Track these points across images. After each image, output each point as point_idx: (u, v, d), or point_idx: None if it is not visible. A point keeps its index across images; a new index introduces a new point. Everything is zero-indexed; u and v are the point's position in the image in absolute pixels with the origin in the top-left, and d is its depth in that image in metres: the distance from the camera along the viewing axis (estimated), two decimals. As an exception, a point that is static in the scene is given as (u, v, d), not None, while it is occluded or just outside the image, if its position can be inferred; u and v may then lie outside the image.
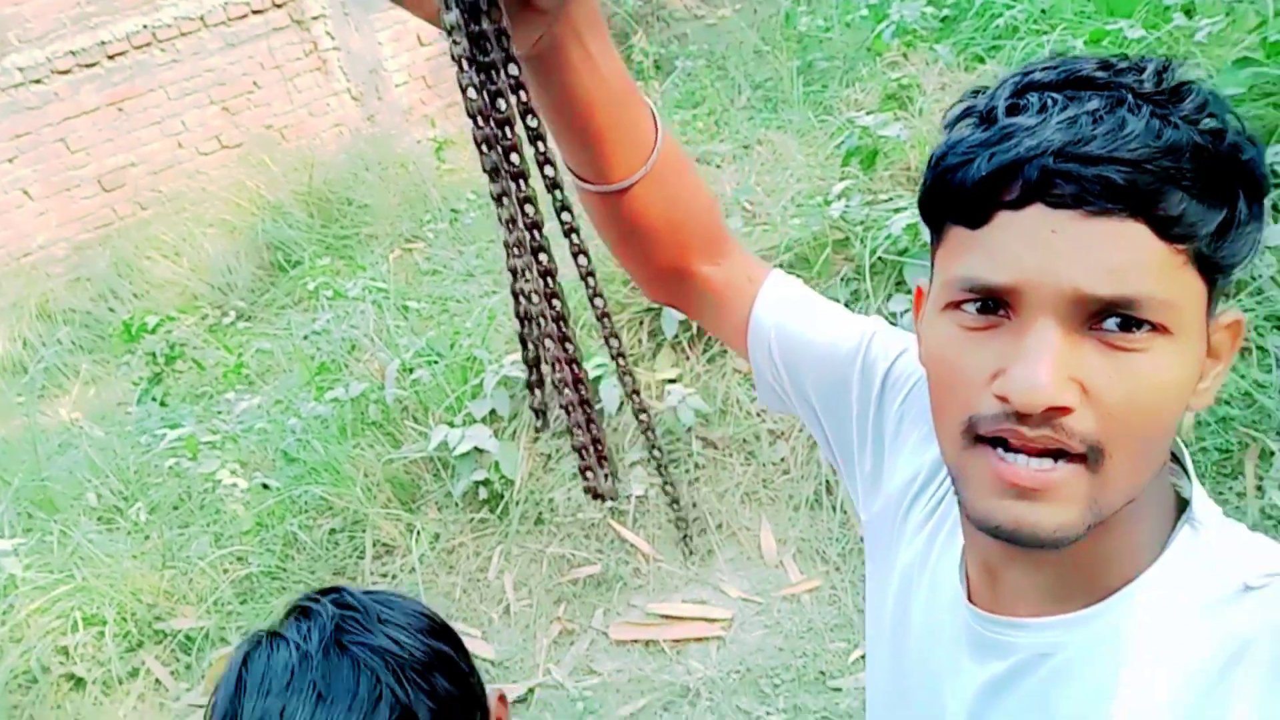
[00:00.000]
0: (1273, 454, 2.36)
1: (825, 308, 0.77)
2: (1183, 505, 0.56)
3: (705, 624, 2.54)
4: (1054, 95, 0.47)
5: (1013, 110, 0.48)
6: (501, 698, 0.80)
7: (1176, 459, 0.57)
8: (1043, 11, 3.41)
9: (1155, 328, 0.46)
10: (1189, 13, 2.97)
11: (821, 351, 0.74)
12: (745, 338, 0.78)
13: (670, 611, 2.60)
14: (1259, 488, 2.34)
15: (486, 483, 2.86)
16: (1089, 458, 0.47)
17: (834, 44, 4.50)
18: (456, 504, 2.94)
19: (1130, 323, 0.46)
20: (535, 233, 0.51)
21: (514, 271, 0.50)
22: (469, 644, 3.01)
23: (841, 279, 2.81)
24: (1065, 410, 0.46)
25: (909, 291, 2.62)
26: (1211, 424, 2.40)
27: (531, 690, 2.51)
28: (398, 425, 3.11)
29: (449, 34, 0.45)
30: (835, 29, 4.57)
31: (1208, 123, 0.46)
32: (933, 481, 0.68)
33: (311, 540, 2.93)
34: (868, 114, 3.20)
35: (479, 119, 0.47)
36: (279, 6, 5.81)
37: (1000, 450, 0.48)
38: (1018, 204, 0.47)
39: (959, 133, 0.51)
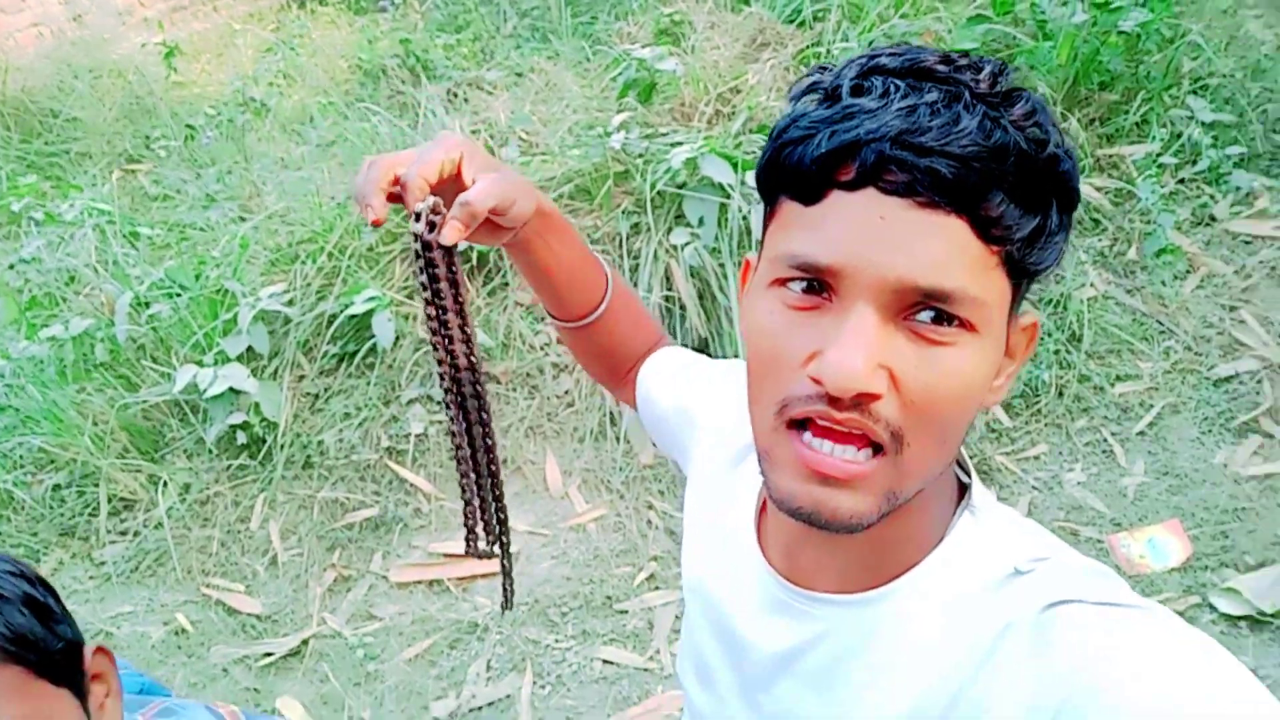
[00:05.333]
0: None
1: (694, 370, 0.87)
2: (962, 491, 0.60)
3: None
4: (897, 82, 0.48)
5: (857, 91, 0.49)
6: (102, 650, 0.77)
7: None
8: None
9: (964, 324, 0.48)
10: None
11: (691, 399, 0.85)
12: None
13: (453, 550, 2.52)
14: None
15: (245, 426, 2.60)
16: (889, 446, 0.49)
17: (603, -25, 4.43)
18: (210, 451, 2.67)
19: (942, 317, 0.47)
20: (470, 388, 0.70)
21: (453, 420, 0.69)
22: (230, 599, 2.72)
23: (623, 212, 2.81)
24: (874, 397, 0.47)
25: (689, 224, 2.67)
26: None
27: (305, 642, 2.36)
28: (133, 366, 2.76)
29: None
30: (604, -41, 4.50)
31: (1033, 131, 0.48)
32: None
33: (31, 498, 2.54)
34: (643, 47, 3.20)
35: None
36: None
37: (807, 435, 0.50)
38: (852, 185, 0.47)
39: (802, 107, 0.51)
